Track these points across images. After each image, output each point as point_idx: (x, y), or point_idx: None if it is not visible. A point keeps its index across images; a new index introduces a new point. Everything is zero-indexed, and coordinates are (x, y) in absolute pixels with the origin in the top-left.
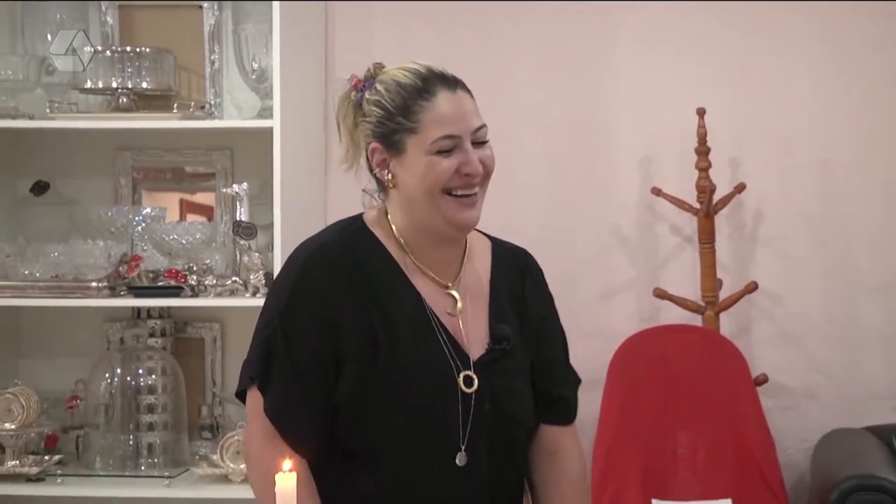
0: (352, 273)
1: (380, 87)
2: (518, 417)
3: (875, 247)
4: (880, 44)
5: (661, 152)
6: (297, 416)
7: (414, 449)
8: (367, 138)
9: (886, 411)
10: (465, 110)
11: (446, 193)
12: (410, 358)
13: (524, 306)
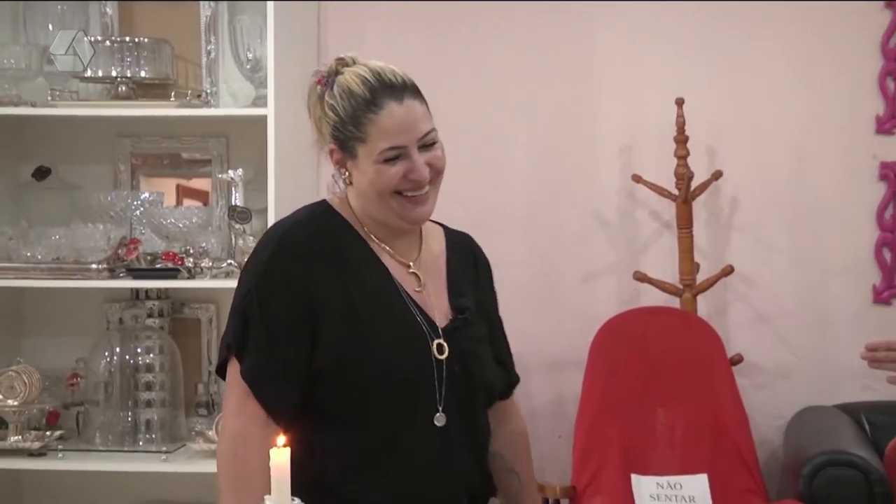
0: (325, 248)
1: (336, 90)
2: (484, 379)
3: (845, 233)
4: (854, 37)
5: (641, 141)
6: (273, 382)
7: (396, 412)
8: (328, 136)
9: (856, 390)
10: (411, 120)
11: (397, 194)
12: (387, 326)
13: (479, 292)
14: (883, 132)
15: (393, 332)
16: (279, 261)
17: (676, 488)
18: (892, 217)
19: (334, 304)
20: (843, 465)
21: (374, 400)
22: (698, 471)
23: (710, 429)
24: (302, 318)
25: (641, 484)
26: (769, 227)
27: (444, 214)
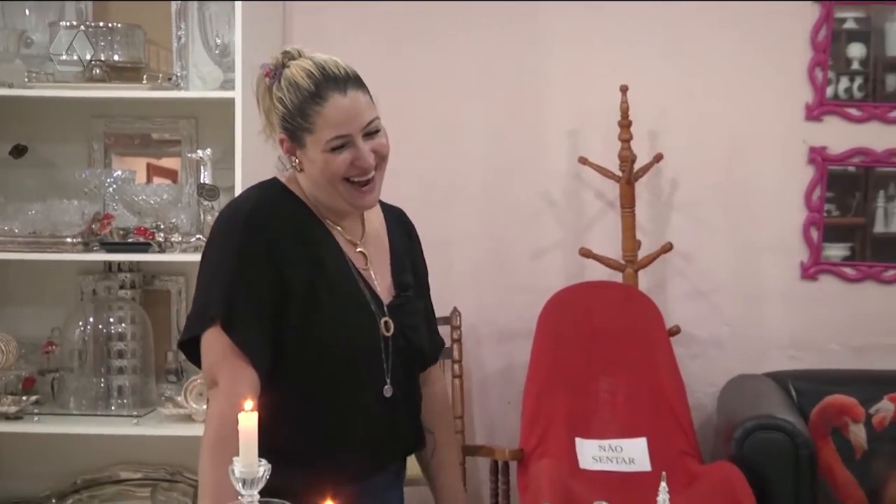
0: (287, 224)
1: (284, 83)
2: (423, 350)
3: (776, 213)
4: (786, 30)
5: (587, 125)
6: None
7: (349, 385)
8: (278, 127)
9: (784, 359)
10: (355, 111)
11: (345, 180)
12: (343, 304)
13: (416, 265)
14: (812, 119)
15: (347, 310)
16: (252, 235)
17: (617, 451)
18: (819, 198)
19: (297, 279)
20: (772, 429)
21: (329, 374)
22: (638, 434)
23: (649, 395)
24: (275, 291)
25: (585, 447)
26: (706, 207)
27: (402, 194)
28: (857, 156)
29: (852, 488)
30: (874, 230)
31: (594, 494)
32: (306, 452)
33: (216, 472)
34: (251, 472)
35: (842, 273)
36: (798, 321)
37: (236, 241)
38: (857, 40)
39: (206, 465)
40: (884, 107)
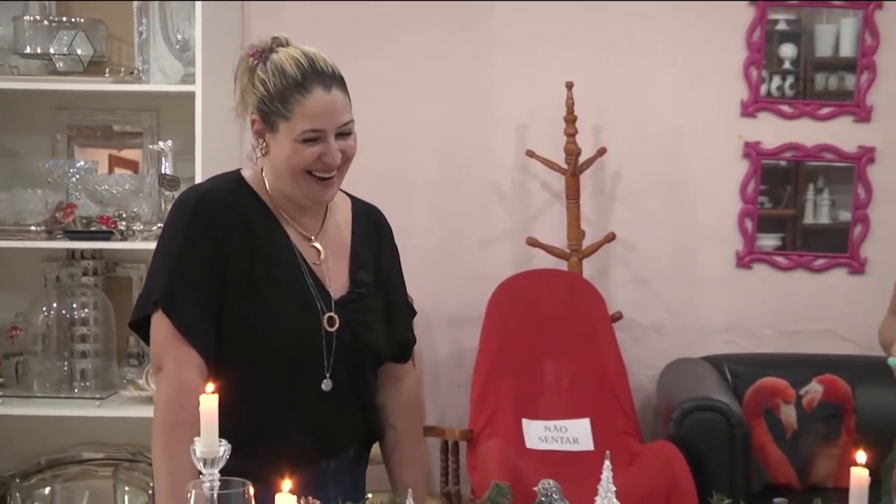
0: (235, 215)
1: (269, 66)
2: (370, 347)
3: (712, 204)
4: (723, 30)
5: (534, 120)
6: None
7: (286, 376)
8: (251, 107)
9: (720, 343)
10: (334, 109)
11: (307, 173)
12: (283, 297)
13: (379, 260)
14: (746, 115)
15: (286, 303)
16: (198, 224)
17: (562, 431)
18: (753, 191)
19: (239, 270)
20: (708, 409)
21: (266, 364)
22: (582, 415)
23: (593, 378)
24: (217, 276)
25: (531, 427)
26: (647, 199)
27: (358, 184)
28: (789, 150)
29: (783, 465)
30: (804, 221)
31: (540, 473)
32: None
33: (168, 454)
34: (212, 452)
35: (774, 262)
36: (733, 307)
37: (182, 227)
38: (788, 41)
39: (158, 450)
40: (813, 104)
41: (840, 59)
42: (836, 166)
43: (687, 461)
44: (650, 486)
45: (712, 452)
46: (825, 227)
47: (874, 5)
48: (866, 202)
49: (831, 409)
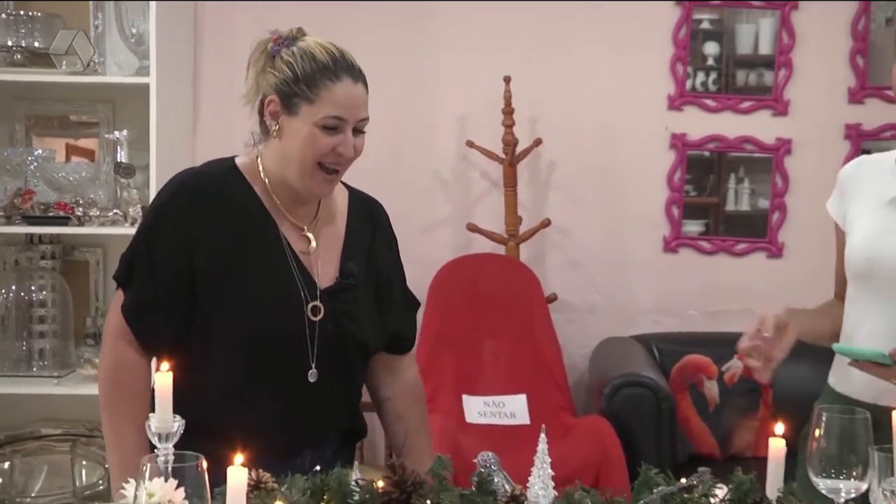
0: (215, 200)
1: (296, 51)
2: (358, 339)
3: (641, 192)
4: (651, 29)
5: (474, 112)
6: (151, 317)
7: (268, 366)
8: (269, 89)
9: (648, 323)
10: (358, 101)
11: (317, 164)
12: (265, 285)
13: (373, 252)
14: (673, 108)
15: (267, 292)
16: (172, 207)
17: (500, 406)
18: (679, 180)
19: (216, 257)
20: (637, 385)
21: (247, 352)
22: (518, 391)
23: (529, 356)
24: (183, 264)
25: (471, 403)
26: (580, 187)
27: None
28: (712, 142)
29: (706, 437)
30: (726, 209)
31: (480, 446)
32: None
33: (113, 431)
34: (166, 428)
35: (698, 246)
36: (660, 289)
37: (157, 208)
38: (711, 39)
39: (106, 427)
40: (735, 98)
41: (759, 57)
42: (755, 157)
43: (617, 434)
44: (583, 458)
45: (641, 425)
46: (745, 214)
47: (790, 6)
48: (783, 191)
49: (751, 385)
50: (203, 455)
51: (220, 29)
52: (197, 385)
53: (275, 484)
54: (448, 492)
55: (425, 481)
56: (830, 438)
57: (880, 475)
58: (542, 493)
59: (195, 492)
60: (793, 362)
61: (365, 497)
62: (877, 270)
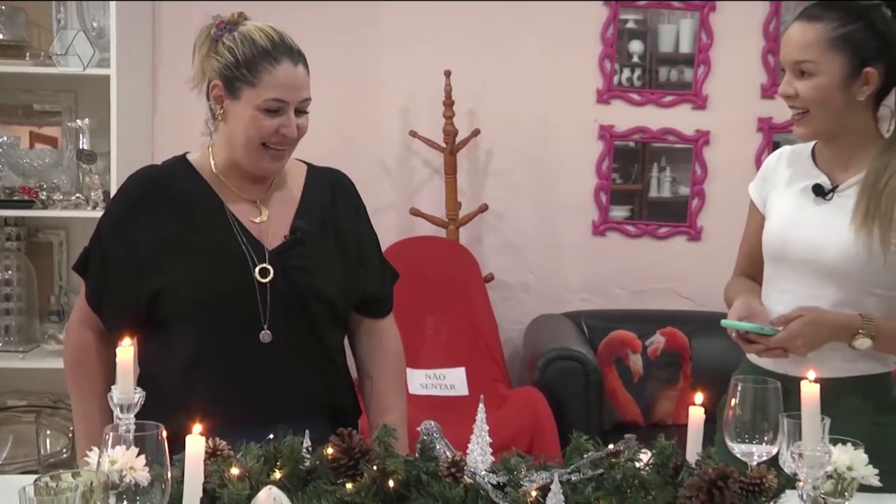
0: (154, 190)
1: (237, 36)
2: (310, 292)
3: (572, 179)
4: (582, 27)
5: (417, 104)
6: (109, 303)
7: (220, 330)
8: (212, 74)
9: (578, 301)
10: (298, 82)
11: (261, 144)
12: (210, 257)
13: (333, 214)
14: (601, 102)
15: (213, 260)
16: (120, 201)
17: (441, 378)
18: (607, 168)
19: (163, 240)
20: (567, 358)
21: (199, 319)
22: (458, 365)
23: (468, 332)
24: (132, 251)
25: (414, 376)
26: (516, 174)
27: None
28: (637, 133)
29: (631, 406)
30: (649, 195)
31: (422, 415)
32: (190, 399)
33: (78, 404)
34: (127, 399)
35: (624, 230)
36: (589, 270)
37: (110, 203)
38: (636, 38)
39: (72, 400)
40: (658, 93)
41: (680, 55)
42: (676, 147)
43: (549, 404)
44: (518, 426)
45: (571, 396)
46: (667, 200)
47: (708, 8)
48: (702, 178)
49: (672, 358)
50: (171, 426)
51: (177, 22)
52: (161, 359)
53: (230, 451)
54: (393, 458)
55: (372, 448)
56: (745, 407)
57: (789, 440)
58: (481, 458)
59: (155, 458)
60: (710, 337)
61: (315, 463)
62: (790, 252)
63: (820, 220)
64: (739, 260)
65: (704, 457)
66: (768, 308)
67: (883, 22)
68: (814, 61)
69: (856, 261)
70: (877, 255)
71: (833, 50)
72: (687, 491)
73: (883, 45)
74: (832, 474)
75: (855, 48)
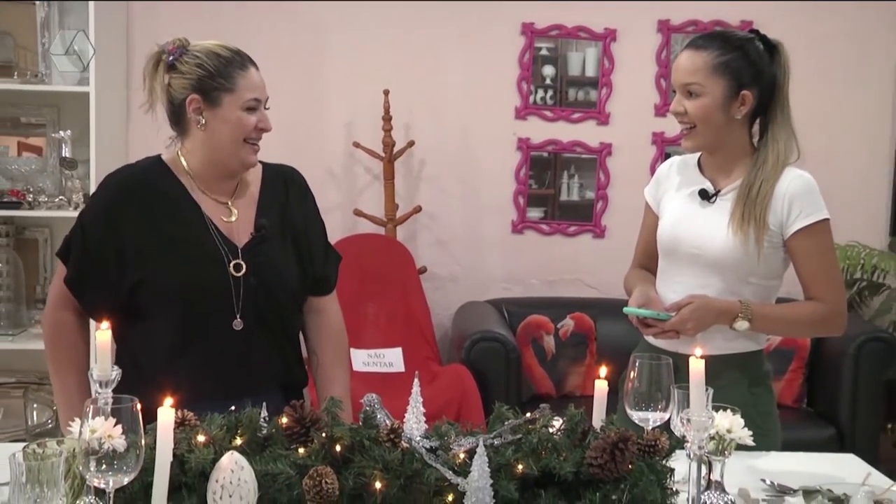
0: (137, 189)
1: (198, 54)
2: (278, 285)
3: (494, 184)
4: (502, 53)
5: (359, 118)
6: (89, 286)
7: (197, 318)
8: (183, 91)
9: (499, 290)
10: (263, 83)
11: (245, 140)
12: (189, 253)
13: (288, 209)
14: (519, 118)
15: (190, 256)
16: (100, 196)
17: (381, 357)
18: (524, 175)
19: (142, 233)
20: (490, 339)
21: (178, 308)
22: (395, 345)
23: (404, 317)
24: (112, 241)
25: (357, 355)
26: (445, 180)
27: None
28: (550, 145)
29: (545, 380)
30: (560, 198)
31: (365, 389)
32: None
33: (57, 379)
34: (105, 376)
35: (539, 229)
36: (509, 263)
37: (91, 198)
38: (549, 63)
39: (51, 376)
40: (567, 111)
41: (586, 78)
42: (583, 157)
43: (474, 378)
44: (447, 398)
45: (493, 372)
46: (576, 203)
47: (610, 38)
48: (605, 184)
49: (580, 338)
50: (146, 401)
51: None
52: (140, 342)
53: (197, 421)
54: (340, 426)
55: (321, 418)
56: (642, 380)
57: (679, 408)
58: (416, 426)
59: (130, 428)
60: (612, 320)
61: (271, 431)
62: (680, 248)
63: (705, 220)
64: (636, 254)
65: (608, 423)
66: (662, 296)
67: (756, 53)
68: (700, 83)
69: (735, 255)
70: (752, 252)
71: (716, 74)
72: (593, 452)
73: (756, 73)
74: (714, 436)
75: (734, 74)
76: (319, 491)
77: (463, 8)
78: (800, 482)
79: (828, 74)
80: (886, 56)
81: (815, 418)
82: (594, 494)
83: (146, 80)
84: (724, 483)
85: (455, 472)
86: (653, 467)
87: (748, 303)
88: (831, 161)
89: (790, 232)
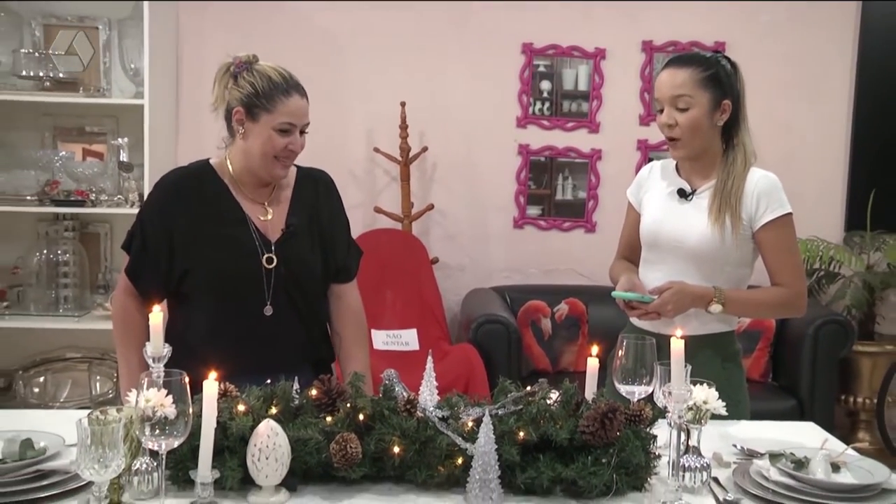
0: (187, 189)
1: (256, 73)
2: (305, 275)
3: (498, 185)
4: (504, 69)
5: (379, 126)
6: (144, 274)
7: (233, 303)
8: (234, 102)
9: (502, 279)
10: (304, 112)
11: (274, 157)
12: (230, 247)
13: (316, 207)
14: (520, 127)
15: (230, 248)
16: (155, 195)
17: (398, 337)
18: (524, 177)
19: (189, 228)
20: (494, 322)
21: (218, 294)
22: (411, 327)
23: (418, 302)
24: (165, 235)
25: (377, 335)
26: (455, 182)
27: None
28: (547, 150)
29: (542, 358)
30: (556, 198)
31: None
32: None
33: (121, 355)
34: (158, 352)
35: (538, 224)
36: (511, 255)
37: (148, 196)
38: (546, 79)
39: (118, 352)
40: (562, 120)
41: (579, 92)
42: (576, 162)
43: (480, 356)
44: (457, 373)
45: (497, 350)
46: (570, 202)
47: (600, 56)
48: (596, 185)
49: (573, 321)
50: (192, 374)
51: (195, 63)
52: (186, 323)
53: (237, 393)
54: (362, 398)
55: (346, 390)
56: (628, 357)
57: (661, 382)
58: (430, 398)
59: (179, 398)
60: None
61: (303, 402)
62: (661, 240)
63: (683, 216)
64: (620, 247)
65: (598, 395)
66: (645, 282)
67: (725, 70)
68: (690, 95)
69: (711, 246)
70: (728, 239)
71: (703, 87)
72: (585, 421)
73: (730, 85)
74: (692, 407)
75: (717, 85)
76: (345, 454)
77: (470, 30)
78: (766, 447)
79: (791, 87)
80: (841, 72)
81: (779, 391)
82: (586, 458)
83: (215, 84)
84: (701, 448)
85: (464, 439)
86: (638, 434)
87: (721, 289)
88: (794, 164)
89: (758, 225)
